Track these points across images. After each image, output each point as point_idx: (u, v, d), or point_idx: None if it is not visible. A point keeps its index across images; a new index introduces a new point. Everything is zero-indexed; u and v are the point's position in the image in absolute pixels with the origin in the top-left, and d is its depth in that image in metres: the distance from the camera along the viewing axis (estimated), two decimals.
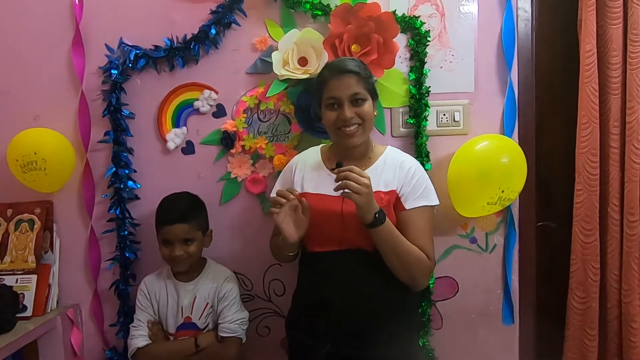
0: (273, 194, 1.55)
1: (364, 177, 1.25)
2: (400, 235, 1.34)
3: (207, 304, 1.58)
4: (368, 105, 1.37)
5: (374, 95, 1.42)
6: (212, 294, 1.58)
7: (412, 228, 1.37)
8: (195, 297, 1.58)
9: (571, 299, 1.80)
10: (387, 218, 1.30)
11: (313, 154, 1.53)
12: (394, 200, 1.38)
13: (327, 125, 1.41)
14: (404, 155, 1.48)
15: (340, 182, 1.24)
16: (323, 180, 1.43)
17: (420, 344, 1.77)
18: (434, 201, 1.43)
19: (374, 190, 1.33)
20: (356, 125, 1.36)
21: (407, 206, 1.38)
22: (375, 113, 1.43)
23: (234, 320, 1.55)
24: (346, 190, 1.23)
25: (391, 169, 1.41)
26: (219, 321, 1.56)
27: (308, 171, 1.47)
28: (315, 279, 1.42)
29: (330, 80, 1.36)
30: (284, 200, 1.33)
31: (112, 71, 1.68)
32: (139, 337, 1.54)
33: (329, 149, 1.52)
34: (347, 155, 1.42)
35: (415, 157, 1.70)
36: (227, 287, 1.59)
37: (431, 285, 1.76)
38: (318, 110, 1.46)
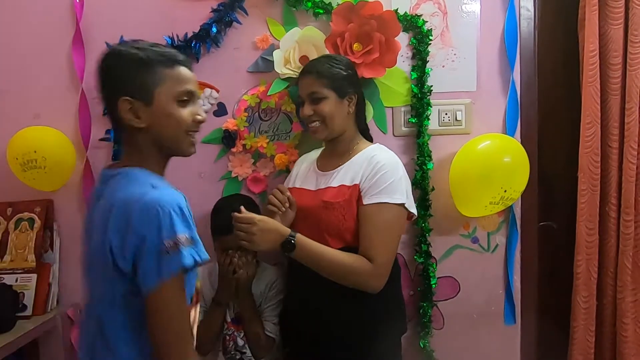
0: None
1: (254, 223, 1.26)
2: (324, 251, 1.31)
3: (258, 303, 1.59)
4: (326, 104, 1.39)
5: (344, 93, 1.40)
6: (262, 294, 1.59)
7: (366, 225, 1.32)
8: None
9: (578, 300, 1.79)
10: (297, 242, 1.29)
11: (312, 154, 1.59)
12: (357, 194, 1.35)
13: None
14: (383, 152, 1.42)
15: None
16: (309, 175, 1.50)
17: (421, 345, 1.77)
18: (399, 200, 1.32)
19: (339, 184, 1.38)
20: (317, 122, 1.41)
21: (365, 201, 1.33)
22: (350, 110, 1.42)
23: (274, 322, 1.57)
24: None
25: (361, 163, 1.38)
26: (263, 320, 1.57)
27: (302, 167, 1.55)
28: (291, 273, 1.52)
29: (299, 80, 1.47)
30: (282, 208, 1.41)
31: None
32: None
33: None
34: (329, 151, 1.50)
35: (417, 157, 1.72)
36: (274, 289, 1.60)
37: (433, 285, 1.76)
38: None
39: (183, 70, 1.06)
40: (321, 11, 1.67)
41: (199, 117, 1.08)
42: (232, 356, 1.56)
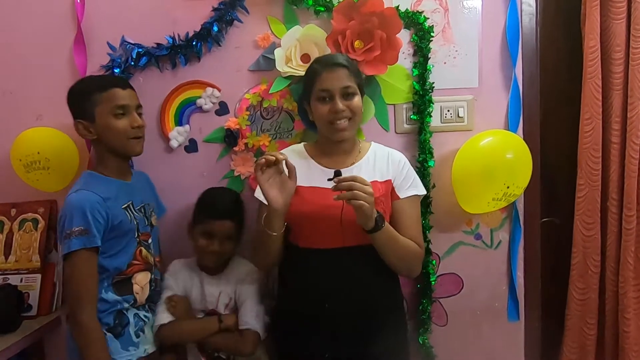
0: (257, 193, 1.41)
1: (368, 185, 1.23)
2: (397, 233, 1.35)
3: (231, 299, 1.58)
4: (358, 100, 1.38)
5: (362, 92, 1.42)
6: (235, 288, 1.58)
7: (405, 217, 1.40)
8: (220, 292, 1.58)
9: (572, 290, 1.83)
10: (385, 220, 1.30)
11: (295, 151, 1.51)
12: (390, 189, 1.41)
13: (318, 119, 1.39)
14: (390, 149, 1.51)
15: (341, 192, 1.21)
16: (315, 172, 1.41)
17: (420, 341, 1.78)
18: (423, 191, 1.47)
19: (370, 180, 1.33)
20: (346, 119, 1.36)
21: (401, 195, 1.41)
22: (362, 109, 1.43)
23: (252, 315, 1.55)
24: (353, 201, 1.20)
25: (383, 160, 1.44)
26: (238, 314, 1.56)
27: (297, 164, 1.40)
28: (314, 279, 1.36)
29: (322, 73, 1.36)
30: (272, 159, 1.26)
31: (115, 69, 1.67)
32: (163, 314, 1.52)
33: (313, 145, 1.51)
34: (335, 150, 1.44)
35: (419, 154, 1.72)
36: (247, 281, 1.58)
37: (433, 282, 1.76)
38: (307, 106, 1.45)
39: (116, 90, 1.37)
40: (322, 9, 1.66)
41: (135, 124, 1.39)
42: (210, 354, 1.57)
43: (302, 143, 1.55)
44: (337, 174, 1.25)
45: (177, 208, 1.74)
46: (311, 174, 1.41)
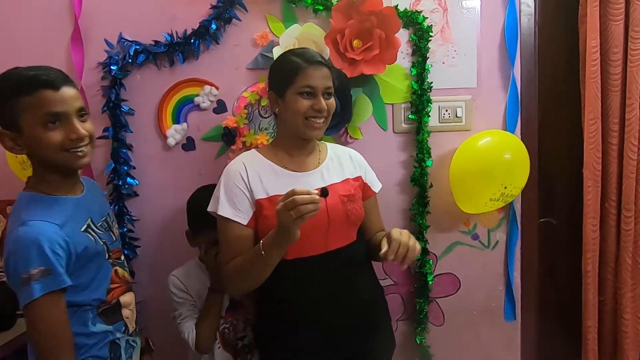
0: (222, 210, 1.29)
1: (411, 237, 1.25)
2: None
3: None
4: (333, 101, 1.34)
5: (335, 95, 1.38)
6: None
7: (375, 213, 1.50)
8: None
9: (591, 298, 1.78)
10: None
11: (253, 158, 1.37)
12: (362, 185, 1.44)
13: (294, 113, 1.29)
14: (346, 147, 1.53)
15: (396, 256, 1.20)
16: (283, 180, 1.32)
17: (417, 341, 1.78)
18: (380, 185, 1.52)
19: (343, 178, 1.38)
20: (323, 119, 1.31)
21: (375, 189, 1.49)
22: None
23: None
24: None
25: (346, 158, 1.45)
26: None
27: (264, 175, 1.33)
28: (302, 288, 1.32)
29: (307, 68, 1.28)
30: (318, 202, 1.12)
31: (112, 67, 1.66)
32: (192, 331, 1.49)
33: (271, 147, 1.40)
34: (299, 150, 1.37)
35: (417, 154, 1.73)
36: None
37: (430, 282, 1.76)
38: (276, 97, 1.33)
39: (44, 93, 1.07)
40: (321, 7, 1.66)
41: (74, 135, 1.09)
42: (235, 346, 1.55)
43: (252, 150, 1.42)
44: (324, 192, 1.12)
45: (174, 207, 1.73)
46: (281, 182, 1.31)
